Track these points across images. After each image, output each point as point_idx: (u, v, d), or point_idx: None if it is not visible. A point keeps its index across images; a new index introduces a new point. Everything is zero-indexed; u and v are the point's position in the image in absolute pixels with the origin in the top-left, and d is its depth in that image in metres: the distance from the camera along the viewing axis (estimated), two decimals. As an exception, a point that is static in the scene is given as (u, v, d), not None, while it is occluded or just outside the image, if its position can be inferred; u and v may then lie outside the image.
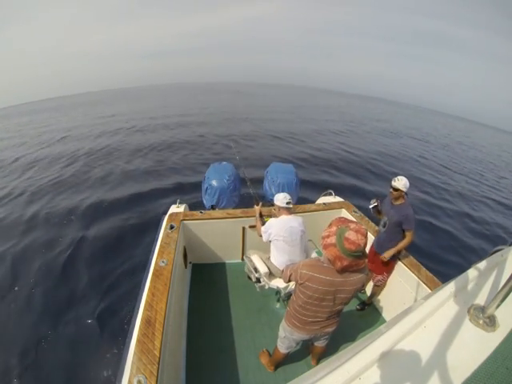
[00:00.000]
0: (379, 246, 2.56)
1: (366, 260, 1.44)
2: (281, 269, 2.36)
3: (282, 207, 2.40)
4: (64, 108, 34.89)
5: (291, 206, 2.43)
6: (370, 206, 2.62)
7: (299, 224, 2.38)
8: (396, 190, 2.31)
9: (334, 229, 1.39)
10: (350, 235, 1.31)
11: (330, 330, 1.73)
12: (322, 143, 13.26)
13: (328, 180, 8.29)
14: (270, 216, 2.71)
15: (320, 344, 1.96)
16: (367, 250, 1.54)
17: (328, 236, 1.39)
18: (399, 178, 2.33)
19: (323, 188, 4.02)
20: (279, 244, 2.35)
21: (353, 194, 6.41)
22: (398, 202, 2.38)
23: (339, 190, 3.90)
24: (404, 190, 2.30)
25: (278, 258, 2.40)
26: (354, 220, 1.50)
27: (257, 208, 2.77)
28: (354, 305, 2.84)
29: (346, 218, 1.44)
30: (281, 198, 2.41)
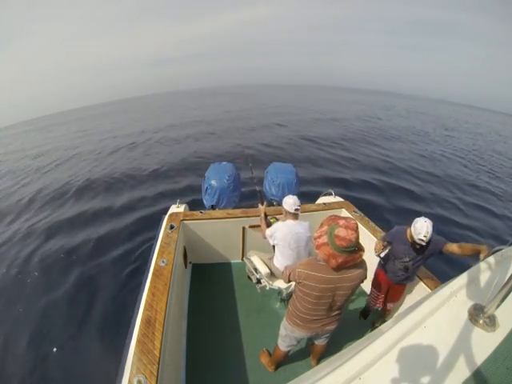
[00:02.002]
0: (404, 279, 2.27)
1: (363, 253, 1.43)
2: (283, 271, 2.35)
3: (290, 212, 2.28)
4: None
5: (299, 212, 2.32)
6: (382, 255, 2.15)
7: (305, 230, 2.30)
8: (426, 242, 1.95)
9: (324, 228, 1.39)
10: (340, 232, 1.31)
11: (331, 327, 1.73)
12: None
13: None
14: (275, 217, 2.65)
15: (320, 343, 1.96)
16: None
17: (320, 236, 1.40)
18: (421, 229, 1.90)
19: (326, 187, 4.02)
20: (284, 250, 2.30)
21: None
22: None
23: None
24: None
25: (282, 262, 2.36)
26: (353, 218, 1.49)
27: (261, 208, 2.61)
28: (354, 305, 2.83)
29: (335, 216, 1.43)
30: (290, 203, 2.25)
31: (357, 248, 1.38)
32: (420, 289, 2.33)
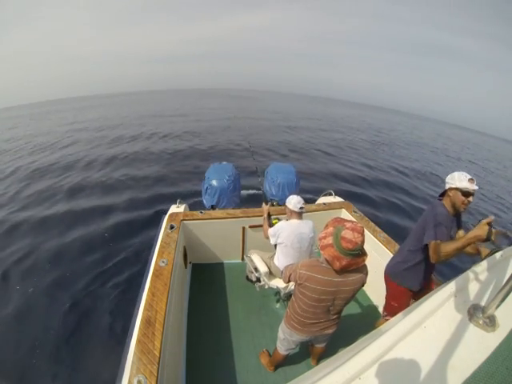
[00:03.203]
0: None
1: (366, 258, 1.42)
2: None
3: (294, 211, 2.27)
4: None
5: (304, 210, 2.31)
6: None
7: (310, 230, 2.30)
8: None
9: (330, 229, 1.38)
10: (347, 234, 1.30)
11: (329, 331, 1.72)
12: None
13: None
14: (278, 217, 2.64)
15: (320, 345, 1.96)
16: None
17: (325, 237, 1.39)
18: (464, 174, 1.68)
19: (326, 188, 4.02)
20: (286, 249, 2.29)
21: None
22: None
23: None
24: None
25: (282, 261, 2.35)
26: (354, 220, 1.50)
27: (265, 208, 2.60)
28: (354, 305, 2.83)
29: (341, 218, 1.43)
30: (294, 202, 2.24)
31: (361, 252, 1.37)
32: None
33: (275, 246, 2.41)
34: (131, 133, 15.49)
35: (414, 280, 1.98)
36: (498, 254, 1.31)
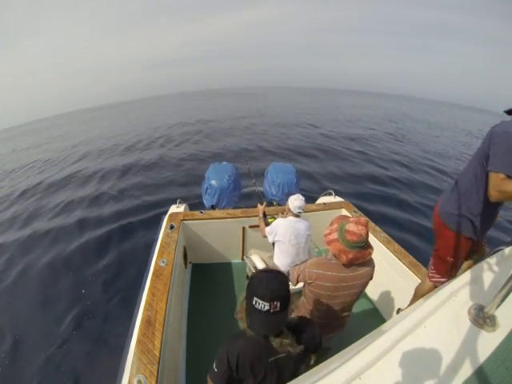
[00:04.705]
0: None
1: (372, 251, 1.46)
2: (283, 270, 2.35)
3: (293, 212, 2.32)
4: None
5: (300, 215, 2.35)
6: None
7: (306, 227, 2.33)
8: None
9: (335, 226, 1.46)
10: (351, 227, 1.37)
11: (340, 329, 1.73)
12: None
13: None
14: (274, 217, 2.67)
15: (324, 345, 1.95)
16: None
17: (330, 233, 1.47)
18: None
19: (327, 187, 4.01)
20: (284, 246, 2.31)
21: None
22: None
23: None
24: None
25: (282, 260, 2.37)
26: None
27: (260, 207, 2.66)
28: (354, 305, 2.82)
29: (345, 216, 1.49)
30: (296, 205, 2.27)
31: (366, 245, 1.42)
32: None
33: (273, 245, 2.42)
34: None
35: (477, 224, 1.45)
36: (498, 254, 1.31)
